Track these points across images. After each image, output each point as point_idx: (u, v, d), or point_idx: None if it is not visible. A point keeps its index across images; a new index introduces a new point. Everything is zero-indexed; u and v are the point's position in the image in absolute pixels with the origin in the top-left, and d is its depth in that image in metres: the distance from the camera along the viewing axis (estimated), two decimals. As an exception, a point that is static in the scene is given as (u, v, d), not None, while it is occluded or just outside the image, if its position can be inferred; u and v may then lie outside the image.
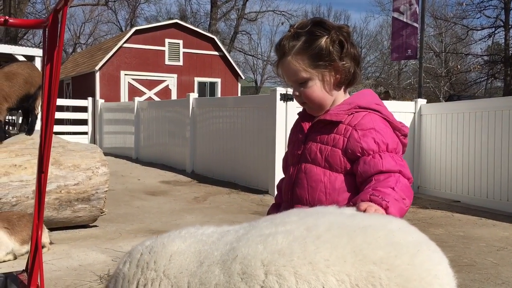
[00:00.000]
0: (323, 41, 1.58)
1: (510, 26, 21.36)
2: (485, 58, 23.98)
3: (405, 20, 11.65)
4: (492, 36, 22.56)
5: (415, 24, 11.54)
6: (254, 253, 1.11)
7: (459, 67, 27.23)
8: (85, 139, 14.34)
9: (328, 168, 1.58)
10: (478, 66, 23.86)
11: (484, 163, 6.46)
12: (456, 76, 26.89)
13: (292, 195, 1.66)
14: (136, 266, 1.23)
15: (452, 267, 1.76)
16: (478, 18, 22.80)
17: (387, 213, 1.36)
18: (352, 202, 1.43)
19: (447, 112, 7.13)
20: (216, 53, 19.63)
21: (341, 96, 1.67)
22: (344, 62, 1.60)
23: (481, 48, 27.11)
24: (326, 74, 1.61)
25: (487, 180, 6.41)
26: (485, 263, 3.95)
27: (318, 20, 1.63)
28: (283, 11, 35.67)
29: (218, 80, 19.70)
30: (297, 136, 1.71)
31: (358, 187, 1.55)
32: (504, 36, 21.74)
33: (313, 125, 1.67)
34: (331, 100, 1.65)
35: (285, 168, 1.77)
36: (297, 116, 1.79)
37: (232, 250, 1.14)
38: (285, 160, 1.78)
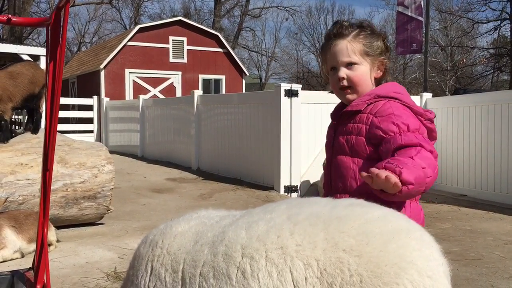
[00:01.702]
0: (379, 38, 1.78)
1: (516, 19, 21.21)
2: (491, 51, 23.82)
3: (409, 14, 11.58)
4: (498, 29, 22.43)
5: (420, 18, 11.47)
6: (237, 237, 1.22)
7: (464, 60, 27.06)
8: (90, 138, 14.38)
9: (355, 155, 1.70)
10: (484, 60, 23.72)
11: (490, 156, 6.42)
12: (462, 69, 26.73)
13: (330, 187, 1.78)
14: (148, 245, 1.39)
15: (459, 261, 1.75)
16: (483, 11, 22.63)
17: (400, 178, 1.38)
18: (369, 171, 1.44)
19: (453, 106, 7.09)
20: (220, 50, 19.61)
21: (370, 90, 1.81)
22: (388, 62, 1.80)
23: (486, 41, 26.95)
24: (374, 66, 1.77)
25: (493, 174, 6.37)
26: (492, 257, 3.93)
27: (369, 22, 1.81)
28: (287, 7, 35.67)
29: (223, 77, 19.68)
30: (329, 133, 1.86)
31: None
32: (510, 29, 21.59)
33: (340, 120, 1.80)
34: (369, 89, 1.78)
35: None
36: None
37: (222, 233, 1.26)
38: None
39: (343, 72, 1.75)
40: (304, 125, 7.03)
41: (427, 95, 7.90)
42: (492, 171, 6.39)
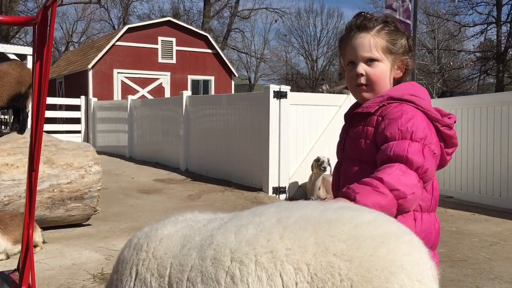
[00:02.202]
0: (403, 35, 1.67)
1: (502, 23, 21.48)
2: (478, 54, 24.11)
3: (397, 17, 11.65)
4: (484, 32, 22.70)
5: (408, 21, 11.56)
6: (225, 241, 1.19)
7: (451, 63, 27.33)
8: (78, 138, 14.27)
9: (364, 160, 1.61)
10: (471, 63, 23.99)
11: (476, 158, 6.49)
12: (449, 72, 27.00)
13: (338, 191, 1.69)
14: (133, 249, 1.35)
15: (445, 262, 1.76)
16: (470, 14, 22.98)
17: (355, 203, 1.35)
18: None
19: (439, 108, 7.14)
20: (209, 50, 19.58)
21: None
22: (411, 62, 1.69)
23: (473, 45, 27.22)
24: (395, 65, 1.66)
25: (479, 176, 6.44)
26: (478, 258, 3.98)
27: (394, 18, 1.74)
28: (276, 9, 35.70)
29: (212, 78, 19.65)
30: (342, 135, 1.78)
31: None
32: (496, 33, 21.85)
33: (351, 122, 1.70)
34: (386, 89, 1.66)
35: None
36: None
37: (210, 237, 1.23)
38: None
39: (362, 68, 1.62)
40: (293, 127, 7.05)
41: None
42: (478, 173, 6.47)
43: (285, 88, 7.08)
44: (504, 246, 4.39)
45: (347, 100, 7.20)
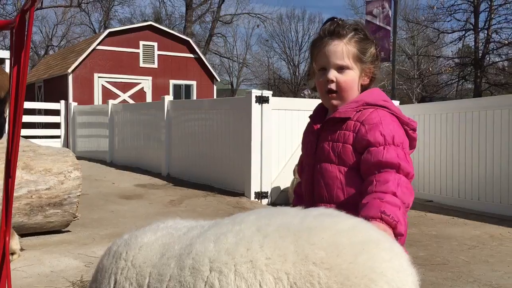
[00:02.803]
0: (372, 44, 1.71)
1: (479, 29, 21.91)
2: (456, 60, 24.53)
3: (378, 23, 11.81)
4: (463, 39, 23.10)
5: (388, 27, 11.72)
6: (205, 250, 1.18)
7: (431, 69, 27.75)
8: (57, 143, 14.06)
9: (342, 164, 1.63)
10: (449, 69, 24.38)
11: (455, 163, 6.59)
12: (428, 78, 27.40)
13: (312, 196, 1.70)
14: (112, 257, 1.33)
15: (425, 265, 1.79)
16: (448, 21, 23.43)
17: (395, 232, 1.41)
18: (363, 216, 1.42)
19: (419, 113, 7.25)
20: (191, 55, 19.54)
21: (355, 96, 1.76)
22: (376, 71, 1.73)
23: (451, 51, 27.72)
24: (363, 72, 1.70)
25: (458, 180, 6.54)
26: (457, 261, 4.03)
27: (363, 25, 1.77)
28: (258, 14, 35.81)
29: (194, 83, 19.60)
30: (310, 138, 1.77)
31: (362, 175, 1.59)
32: (473, 39, 22.26)
33: (323, 125, 1.72)
34: (354, 96, 1.71)
35: (301, 171, 1.83)
36: (306, 119, 1.87)
37: (189, 246, 1.22)
38: (301, 163, 1.85)
39: (333, 74, 1.66)
40: (275, 132, 7.07)
41: (395, 103, 8.05)
42: (457, 177, 6.57)
43: (267, 93, 7.10)
44: (483, 249, 4.46)
45: (329, 105, 7.23)
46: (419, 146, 7.15)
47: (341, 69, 1.66)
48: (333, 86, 1.67)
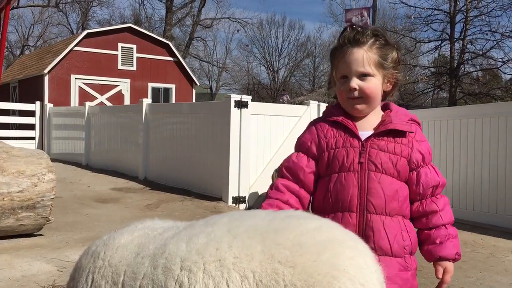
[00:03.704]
0: (394, 49, 1.69)
1: (455, 40, 22.37)
2: (432, 69, 24.97)
3: (357, 31, 11.95)
4: (439, 48, 23.53)
5: (367, 35, 11.86)
6: (177, 250, 1.23)
7: (407, 78, 28.21)
8: (32, 145, 13.80)
9: (398, 177, 1.65)
10: (425, 77, 24.81)
11: (430, 170, 6.70)
12: (405, 86, 27.83)
13: (362, 205, 1.62)
14: (90, 256, 1.38)
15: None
16: (425, 31, 23.67)
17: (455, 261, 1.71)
18: (441, 255, 1.71)
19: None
20: (170, 58, 19.43)
21: (379, 105, 1.74)
22: (400, 76, 1.72)
23: (428, 60, 28.17)
24: (385, 78, 1.68)
25: (433, 187, 6.65)
26: (431, 267, 4.07)
27: (383, 30, 1.73)
28: (238, 19, 35.81)
29: (173, 86, 19.49)
30: (344, 142, 1.66)
31: (415, 197, 1.69)
32: (449, 49, 22.72)
33: (371, 135, 1.67)
34: (378, 103, 1.71)
35: (331, 174, 1.67)
36: (317, 120, 1.75)
37: (163, 246, 1.27)
38: (326, 166, 1.68)
39: (355, 82, 1.63)
40: (254, 137, 7.07)
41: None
42: (432, 184, 6.67)
43: (246, 98, 7.11)
44: (456, 255, 4.53)
45: (307, 111, 7.29)
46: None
47: (363, 76, 1.64)
48: (356, 93, 1.64)
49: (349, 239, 1.26)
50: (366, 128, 1.68)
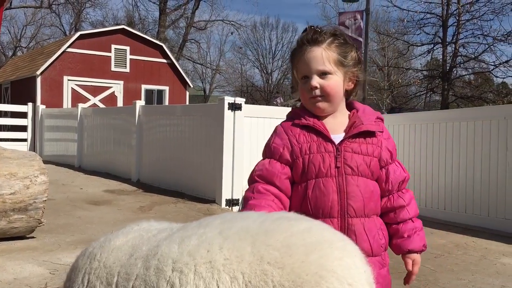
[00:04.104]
0: (352, 48, 1.71)
1: (447, 43, 22.51)
2: (424, 73, 25.09)
3: (350, 34, 12.01)
4: (431, 52, 23.65)
5: (360, 39, 11.93)
6: (169, 251, 1.25)
7: (400, 81, 28.34)
8: (24, 147, 13.72)
9: (371, 177, 1.66)
10: (418, 81, 24.93)
11: (422, 173, 6.73)
12: (398, 89, 27.96)
13: (343, 210, 1.61)
14: (87, 257, 1.41)
15: (392, 274, 1.82)
16: (418, 34, 23.87)
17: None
18: (409, 249, 1.73)
19: (389, 123, 7.39)
20: (164, 60, 19.40)
21: (344, 105, 1.74)
22: (361, 74, 1.73)
23: (420, 63, 28.31)
24: (346, 77, 1.69)
25: (425, 190, 6.68)
26: (423, 270, 4.10)
27: (342, 30, 1.75)
28: (232, 21, 35.84)
29: (166, 88, 19.45)
30: (319, 146, 1.64)
31: (384, 193, 1.70)
32: (442, 52, 22.85)
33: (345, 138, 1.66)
34: (340, 102, 1.71)
35: (307, 180, 1.64)
36: (287, 125, 1.73)
37: (156, 247, 1.29)
38: (301, 172, 1.65)
39: (316, 81, 1.63)
40: (247, 139, 7.07)
41: (366, 113, 8.19)
42: (424, 186, 6.71)
43: (240, 100, 7.11)
44: (448, 258, 4.56)
45: (301, 114, 7.28)
46: (388, 155, 7.27)
47: (323, 74, 1.64)
48: (317, 92, 1.64)
49: (338, 240, 1.28)
50: (336, 130, 1.67)
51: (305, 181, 1.64)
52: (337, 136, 1.66)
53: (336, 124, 1.68)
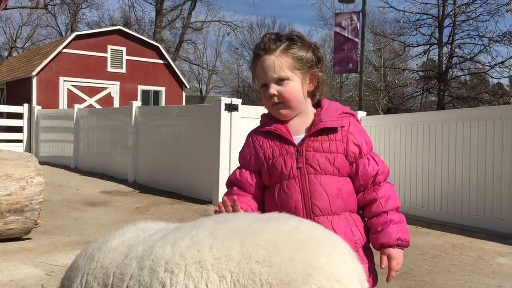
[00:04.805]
0: (309, 49, 1.70)
1: (443, 44, 22.57)
2: (421, 73, 25.17)
3: (346, 35, 12.03)
4: (427, 52, 23.70)
5: (356, 39, 11.95)
6: (162, 252, 1.27)
7: (396, 81, 28.43)
8: (19, 148, 13.67)
9: (339, 174, 1.65)
10: (414, 81, 24.99)
11: (419, 174, 6.75)
12: (394, 90, 28.03)
13: (308, 209, 1.64)
14: (87, 258, 1.43)
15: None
16: (414, 35, 23.92)
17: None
18: (381, 243, 1.65)
19: (385, 124, 7.41)
20: (160, 61, 19.37)
21: (309, 105, 1.74)
22: (321, 74, 1.72)
23: (417, 64, 28.40)
24: (305, 79, 1.69)
25: (422, 190, 6.70)
26: (420, 270, 4.11)
27: (299, 33, 1.74)
28: (228, 22, 35.82)
29: (163, 89, 19.42)
30: (280, 150, 1.68)
31: (359, 188, 1.69)
32: (438, 53, 22.91)
33: (305, 137, 1.68)
34: (304, 105, 1.71)
35: (274, 184, 1.69)
36: (253, 132, 1.79)
37: (151, 248, 1.31)
38: (268, 177, 1.70)
39: (274, 88, 1.66)
40: (244, 140, 7.05)
41: (362, 113, 8.20)
42: (420, 188, 6.72)
43: (237, 101, 7.11)
44: (445, 258, 4.57)
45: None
46: (385, 156, 7.29)
47: (280, 81, 1.66)
48: (276, 99, 1.67)
49: (327, 238, 1.29)
50: (299, 131, 1.70)
51: (273, 185, 1.70)
52: (299, 137, 1.69)
53: (300, 125, 1.71)
